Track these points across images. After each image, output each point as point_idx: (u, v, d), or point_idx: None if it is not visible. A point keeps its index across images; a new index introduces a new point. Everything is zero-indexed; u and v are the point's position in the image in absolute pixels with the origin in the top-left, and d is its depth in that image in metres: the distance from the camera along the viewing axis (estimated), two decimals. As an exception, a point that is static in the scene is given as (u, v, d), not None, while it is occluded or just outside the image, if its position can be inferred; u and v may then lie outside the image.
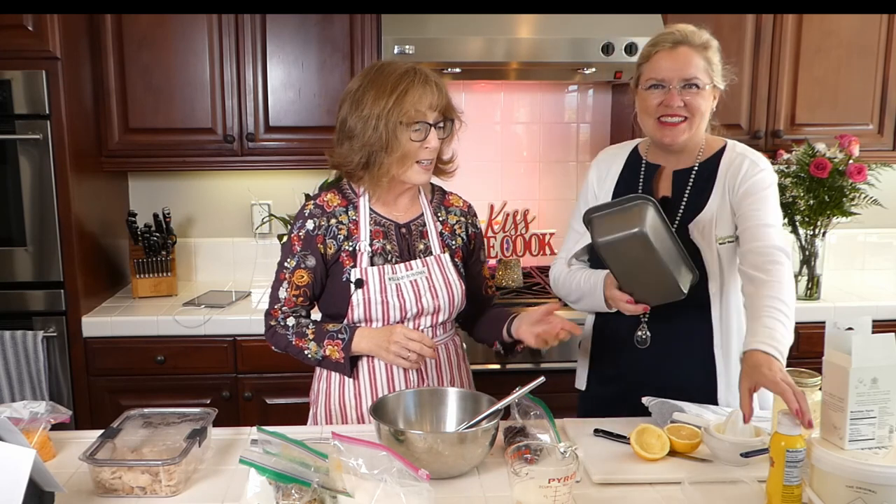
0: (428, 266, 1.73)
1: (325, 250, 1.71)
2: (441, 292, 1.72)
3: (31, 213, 2.53)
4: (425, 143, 1.63)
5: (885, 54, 2.89)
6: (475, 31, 2.63)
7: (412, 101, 1.60)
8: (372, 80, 1.64)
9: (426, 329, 1.74)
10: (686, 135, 1.69)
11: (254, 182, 3.12)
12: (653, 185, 1.79)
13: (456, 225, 1.81)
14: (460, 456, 1.41)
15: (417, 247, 1.75)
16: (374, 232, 1.73)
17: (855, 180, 2.65)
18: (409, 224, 1.77)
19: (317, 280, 1.73)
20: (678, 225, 1.73)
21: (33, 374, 2.53)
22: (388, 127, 1.60)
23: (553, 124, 3.23)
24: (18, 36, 2.44)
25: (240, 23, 2.74)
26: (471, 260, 1.85)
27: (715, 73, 1.69)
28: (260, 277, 3.14)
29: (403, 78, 1.61)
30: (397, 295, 1.69)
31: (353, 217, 1.73)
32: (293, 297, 1.73)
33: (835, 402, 1.20)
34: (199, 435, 1.45)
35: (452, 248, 1.79)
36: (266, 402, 2.67)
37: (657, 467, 1.45)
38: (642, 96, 1.72)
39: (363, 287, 1.68)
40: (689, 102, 1.66)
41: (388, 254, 1.72)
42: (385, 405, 1.55)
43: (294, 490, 1.16)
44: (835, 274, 3.23)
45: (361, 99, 1.63)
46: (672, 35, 1.68)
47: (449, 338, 1.82)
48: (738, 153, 1.74)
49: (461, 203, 1.85)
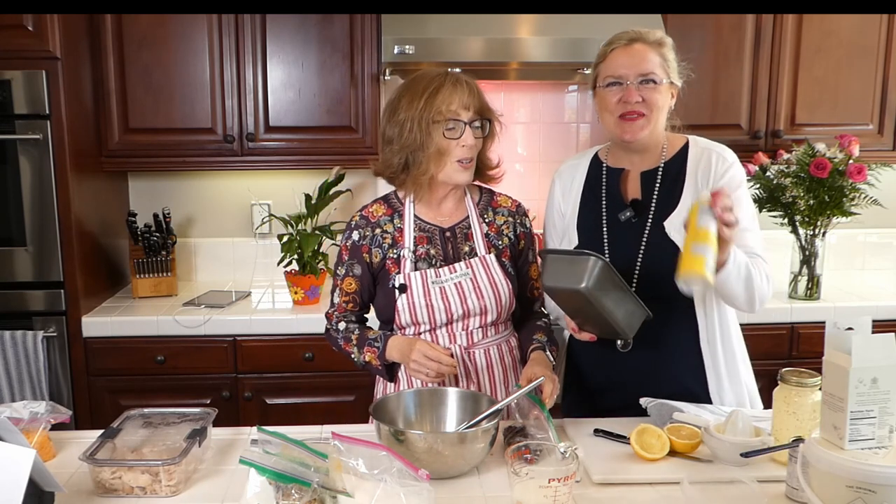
0: (472, 267, 1.74)
1: (371, 259, 1.77)
2: (486, 293, 1.72)
3: (31, 213, 2.53)
4: (461, 141, 1.66)
5: (885, 54, 2.89)
6: (475, 31, 2.63)
7: (442, 100, 1.65)
8: (406, 88, 1.71)
9: (475, 330, 1.75)
10: (646, 130, 1.69)
11: (254, 182, 3.12)
12: (620, 189, 1.78)
13: (503, 225, 1.81)
14: (460, 456, 1.41)
15: (462, 249, 1.76)
16: (419, 238, 1.75)
17: (855, 180, 2.64)
18: (454, 227, 1.78)
19: (364, 287, 1.79)
20: (651, 224, 1.72)
21: (33, 374, 2.53)
22: (422, 127, 1.65)
23: (553, 124, 3.23)
24: (18, 36, 2.44)
25: (240, 23, 2.74)
26: (520, 260, 1.84)
27: (671, 69, 1.70)
28: (260, 277, 3.14)
29: (434, 80, 1.68)
30: (441, 298, 1.70)
31: (398, 225, 1.77)
32: (343, 302, 1.81)
33: (835, 402, 1.20)
34: (199, 435, 1.45)
35: (499, 249, 1.79)
36: (266, 402, 2.67)
37: (657, 467, 1.45)
38: (601, 95, 1.72)
39: (407, 291, 1.70)
40: (647, 97, 1.67)
41: (433, 258, 1.74)
42: (385, 405, 1.55)
43: (294, 490, 1.16)
44: (835, 274, 3.23)
45: (396, 107, 1.69)
46: (626, 34, 1.71)
47: (503, 339, 1.81)
48: (703, 148, 1.75)
49: (509, 203, 1.85)
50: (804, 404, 1.44)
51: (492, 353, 1.77)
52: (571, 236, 1.80)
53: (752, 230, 1.69)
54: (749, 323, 2.70)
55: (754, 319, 2.71)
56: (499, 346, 1.79)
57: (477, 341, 1.75)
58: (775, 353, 2.73)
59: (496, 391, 1.77)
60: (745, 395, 1.77)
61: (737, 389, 1.75)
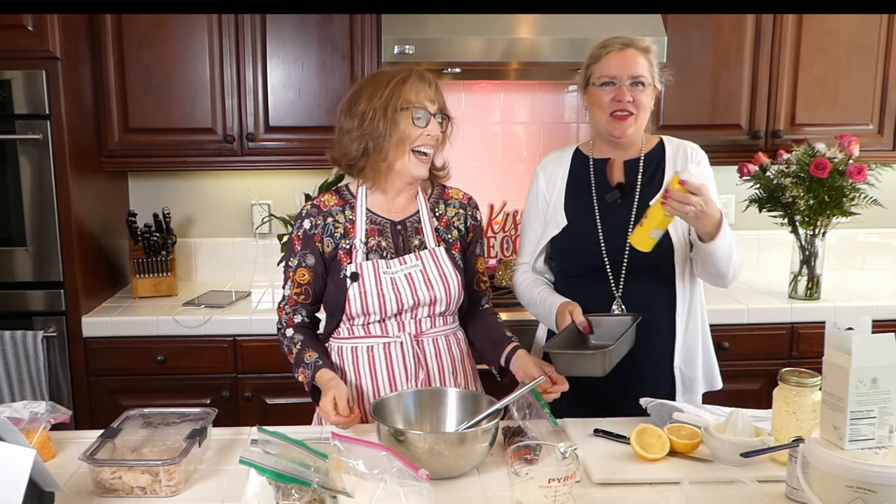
0: (422, 259, 1.76)
1: (323, 248, 1.77)
2: (436, 284, 1.74)
3: (31, 213, 2.53)
4: (426, 130, 1.68)
5: (885, 54, 2.89)
6: (475, 31, 2.63)
7: (410, 88, 1.67)
8: (367, 82, 1.73)
9: (423, 319, 1.77)
10: (633, 128, 1.86)
11: (254, 182, 3.12)
12: (606, 175, 1.94)
13: (454, 217, 1.84)
14: (460, 456, 1.41)
15: (412, 242, 1.78)
16: (370, 230, 1.77)
17: (855, 180, 2.64)
18: (405, 221, 1.80)
19: (317, 277, 1.78)
20: (637, 205, 1.88)
21: (33, 374, 2.53)
22: (387, 115, 1.66)
23: (553, 124, 3.23)
24: (18, 36, 2.44)
25: (240, 23, 2.74)
26: (467, 251, 1.86)
27: (655, 74, 1.88)
28: (260, 277, 3.14)
29: (400, 72, 1.71)
30: (392, 289, 1.72)
31: (349, 217, 1.77)
32: (294, 294, 1.80)
33: (835, 402, 1.20)
34: (199, 435, 1.45)
35: (449, 242, 1.81)
36: (266, 402, 2.67)
37: (657, 467, 1.45)
38: (594, 93, 1.87)
39: (358, 280, 1.71)
40: (636, 98, 1.83)
41: (384, 250, 1.76)
42: (385, 405, 1.55)
43: (294, 490, 1.16)
44: (835, 274, 3.23)
45: (358, 98, 1.71)
46: (619, 38, 1.87)
47: (451, 331, 1.83)
48: (678, 143, 1.95)
49: (461, 196, 1.87)
50: (804, 404, 1.44)
51: (440, 342, 1.79)
52: (559, 219, 1.93)
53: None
54: (749, 323, 2.71)
55: (754, 319, 2.71)
56: (447, 336, 1.81)
57: (425, 330, 1.78)
58: (775, 353, 2.73)
59: (445, 380, 1.78)
60: (698, 370, 1.93)
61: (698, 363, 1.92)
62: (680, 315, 1.88)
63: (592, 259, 1.88)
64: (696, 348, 1.92)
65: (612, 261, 1.87)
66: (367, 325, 1.76)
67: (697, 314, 1.92)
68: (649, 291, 1.87)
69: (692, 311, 1.90)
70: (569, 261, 1.94)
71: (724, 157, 2.83)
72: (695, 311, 1.91)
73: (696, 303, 1.91)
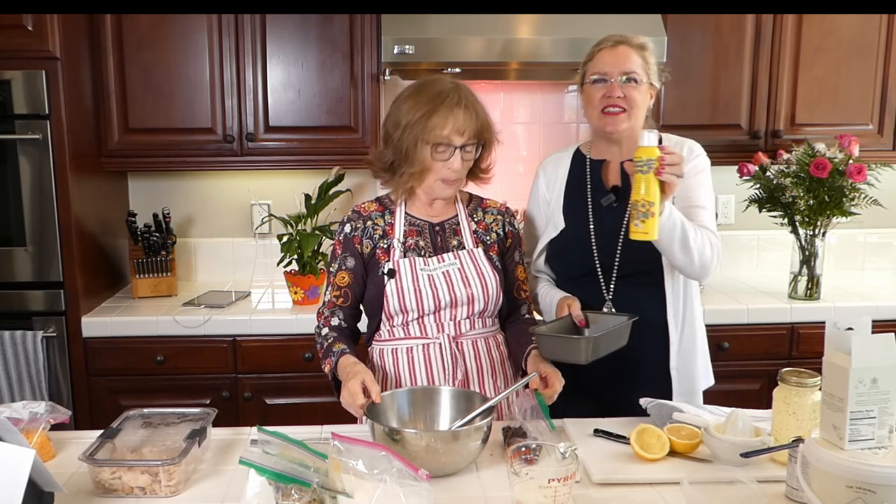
0: (460, 258, 1.77)
1: (363, 249, 1.79)
2: (474, 283, 1.75)
3: (31, 213, 2.53)
4: (448, 164, 1.69)
5: (885, 54, 2.89)
6: (475, 31, 2.63)
7: (436, 123, 1.65)
8: (414, 90, 1.72)
9: (463, 321, 1.77)
10: (626, 124, 1.83)
11: (254, 182, 3.12)
12: (602, 177, 1.93)
13: (493, 223, 1.85)
14: (455, 453, 1.41)
15: (451, 243, 1.79)
16: (409, 231, 1.79)
17: (855, 180, 2.64)
18: (443, 223, 1.81)
19: (357, 279, 1.80)
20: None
21: (33, 374, 2.53)
22: (411, 140, 1.67)
23: (553, 124, 3.23)
24: (18, 36, 2.44)
25: (240, 23, 2.74)
26: (507, 257, 1.86)
27: (651, 72, 1.85)
28: (259, 277, 3.14)
29: (437, 98, 1.67)
30: (430, 285, 1.72)
31: (388, 220, 1.80)
32: (333, 297, 1.81)
33: (835, 402, 1.20)
34: (199, 435, 1.45)
35: (487, 244, 1.82)
36: (266, 402, 2.67)
37: (657, 467, 1.45)
38: (588, 91, 1.87)
39: (395, 277, 1.72)
40: (628, 94, 1.82)
41: (422, 249, 1.77)
42: (379, 405, 1.55)
43: (294, 490, 1.16)
44: (835, 274, 3.23)
45: (400, 105, 1.71)
46: (613, 37, 1.87)
47: (490, 333, 1.83)
48: (676, 141, 1.91)
49: (498, 205, 1.91)
50: (804, 404, 1.44)
51: (479, 344, 1.79)
52: (557, 221, 1.94)
53: (708, 209, 1.84)
54: (749, 323, 2.71)
55: (754, 319, 2.71)
56: (486, 339, 1.81)
57: (465, 331, 1.77)
58: (775, 353, 2.73)
59: (484, 382, 1.78)
60: (698, 369, 1.91)
61: (695, 361, 1.90)
62: (671, 317, 1.87)
63: (584, 261, 1.89)
64: (694, 350, 1.91)
65: (602, 264, 1.87)
66: (406, 326, 1.76)
67: (692, 316, 1.90)
68: (639, 294, 1.86)
69: (686, 313, 1.89)
70: (562, 263, 1.94)
71: (724, 157, 2.82)
72: (689, 313, 1.89)
73: (689, 305, 1.89)
